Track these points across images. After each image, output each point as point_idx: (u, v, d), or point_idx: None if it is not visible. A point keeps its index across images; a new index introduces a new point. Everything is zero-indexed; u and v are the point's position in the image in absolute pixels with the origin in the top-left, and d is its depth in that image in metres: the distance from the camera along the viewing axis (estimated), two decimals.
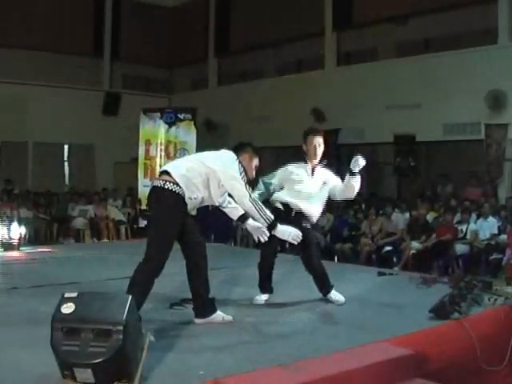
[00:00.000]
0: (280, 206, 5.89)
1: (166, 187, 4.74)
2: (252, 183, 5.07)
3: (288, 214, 5.79)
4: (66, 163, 19.81)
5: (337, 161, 13.30)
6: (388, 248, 11.72)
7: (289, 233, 5.12)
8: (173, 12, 21.38)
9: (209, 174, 4.87)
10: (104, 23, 20.17)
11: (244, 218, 5.20)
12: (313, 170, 5.92)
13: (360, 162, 5.63)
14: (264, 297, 5.90)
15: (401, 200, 13.39)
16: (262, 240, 5.20)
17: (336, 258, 11.96)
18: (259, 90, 17.89)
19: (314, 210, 5.92)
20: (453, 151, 14.30)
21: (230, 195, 5.10)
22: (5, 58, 17.81)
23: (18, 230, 10.03)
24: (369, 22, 15.80)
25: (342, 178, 5.85)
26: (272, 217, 5.00)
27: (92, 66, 20.25)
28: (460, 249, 10.93)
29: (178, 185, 4.73)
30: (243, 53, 19.60)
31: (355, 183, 5.73)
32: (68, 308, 3.39)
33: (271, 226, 5.00)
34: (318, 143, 5.87)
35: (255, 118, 17.29)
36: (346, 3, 16.22)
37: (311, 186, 5.89)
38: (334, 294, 5.96)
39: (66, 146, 19.71)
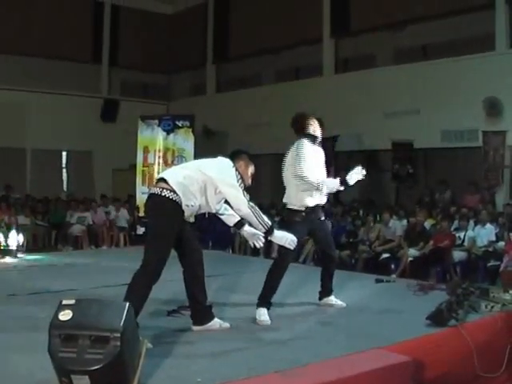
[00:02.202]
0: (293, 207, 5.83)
1: (163, 194, 4.75)
2: (248, 190, 5.07)
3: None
4: (64, 170, 19.81)
5: (334, 168, 13.28)
6: (386, 255, 11.69)
7: (286, 238, 5.13)
8: (171, 19, 21.44)
9: (206, 181, 4.88)
10: (102, 30, 20.22)
11: (240, 224, 5.21)
12: None
13: (357, 175, 5.68)
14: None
15: (399, 207, 13.39)
16: (258, 246, 5.21)
17: None
18: (258, 96, 17.91)
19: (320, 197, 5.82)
20: (451, 158, 14.30)
21: (226, 202, 5.10)
22: (3, 65, 17.84)
23: (16, 237, 10.04)
24: (367, 29, 15.82)
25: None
26: (269, 223, 5.01)
27: (90, 72, 20.25)
28: (458, 256, 10.91)
29: (175, 192, 4.74)
30: (241, 59, 19.61)
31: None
32: (66, 315, 3.39)
33: (268, 232, 5.02)
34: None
35: (254, 124, 17.31)
36: (343, 10, 16.25)
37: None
38: (335, 299, 6.14)
39: (64, 153, 19.71)
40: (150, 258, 4.69)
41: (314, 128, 5.86)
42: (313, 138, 5.83)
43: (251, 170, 5.27)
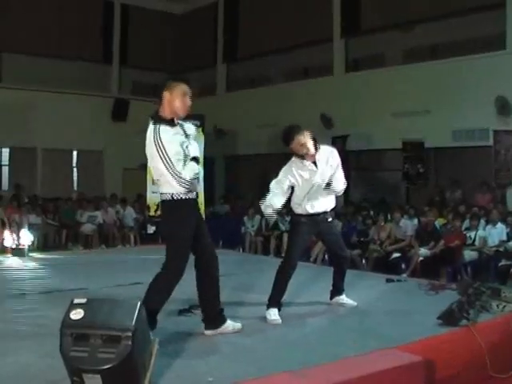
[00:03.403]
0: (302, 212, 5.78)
1: (162, 199, 4.80)
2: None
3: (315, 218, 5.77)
4: (74, 169, 19.83)
5: (345, 167, 13.25)
6: (396, 254, 11.66)
7: None
8: (181, 18, 21.45)
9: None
10: (113, 30, 20.24)
11: None
12: (314, 163, 5.73)
13: None
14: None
15: (409, 206, 13.35)
16: None
17: None
18: (268, 96, 17.89)
19: (329, 199, 5.88)
20: (462, 157, 14.25)
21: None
22: (14, 65, 17.90)
23: (27, 236, 10.08)
24: (377, 29, 15.80)
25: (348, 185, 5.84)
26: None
27: (101, 72, 20.28)
28: (468, 255, 10.88)
29: (165, 193, 4.76)
30: (252, 59, 19.58)
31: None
32: (77, 314, 3.40)
33: None
34: (300, 143, 5.63)
35: (263, 124, 17.27)
36: (354, 10, 16.23)
37: (319, 178, 5.73)
38: (346, 299, 6.14)
39: (74, 152, 19.73)
40: (169, 259, 4.71)
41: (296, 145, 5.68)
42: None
43: (176, 95, 5.22)
